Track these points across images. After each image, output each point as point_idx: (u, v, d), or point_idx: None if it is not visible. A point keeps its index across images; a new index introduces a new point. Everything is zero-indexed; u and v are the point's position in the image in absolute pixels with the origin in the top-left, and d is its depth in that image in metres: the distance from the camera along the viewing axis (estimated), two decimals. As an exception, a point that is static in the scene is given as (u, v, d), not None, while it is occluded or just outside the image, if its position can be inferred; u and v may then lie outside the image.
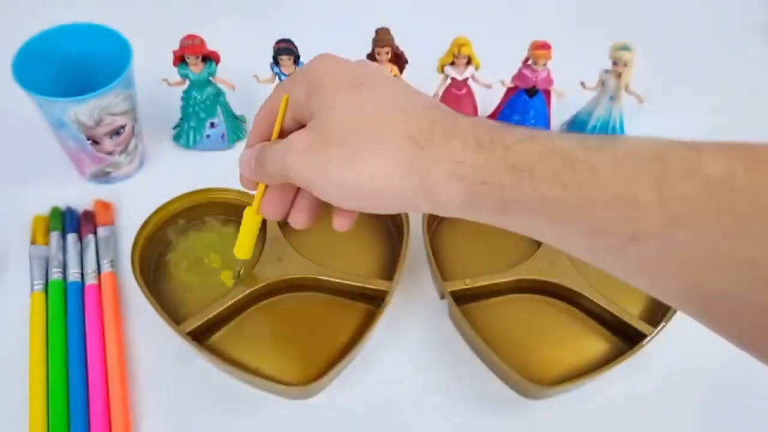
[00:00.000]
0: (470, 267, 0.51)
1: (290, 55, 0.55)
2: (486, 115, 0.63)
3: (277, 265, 0.50)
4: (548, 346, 0.49)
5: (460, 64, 0.57)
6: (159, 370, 0.49)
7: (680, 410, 0.48)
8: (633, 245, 0.26)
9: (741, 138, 0.25)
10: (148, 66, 0.55)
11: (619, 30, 0.61)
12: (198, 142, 0.60)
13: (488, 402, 0.48)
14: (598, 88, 0.59)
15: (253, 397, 0.48)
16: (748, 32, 0.73)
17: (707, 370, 0.49)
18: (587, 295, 0.49)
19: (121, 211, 0.57)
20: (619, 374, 0.47)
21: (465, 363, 0.50)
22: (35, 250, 0.53)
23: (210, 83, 0.58)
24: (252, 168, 0.37)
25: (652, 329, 0.47)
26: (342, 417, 0.47)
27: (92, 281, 0.51)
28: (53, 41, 0.54)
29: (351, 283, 0.50)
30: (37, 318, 0.49)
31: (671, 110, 0.64)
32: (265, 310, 0.50)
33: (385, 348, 0.50)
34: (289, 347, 0.49)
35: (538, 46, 0.56)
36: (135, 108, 0.55)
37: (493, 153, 0.29)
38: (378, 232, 0.54)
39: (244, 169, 0.38)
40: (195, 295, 0.50)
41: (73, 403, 0.46)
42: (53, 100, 0.49)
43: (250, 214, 0.41)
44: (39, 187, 0.58)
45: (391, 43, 0.55)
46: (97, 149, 0.54)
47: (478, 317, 0.49)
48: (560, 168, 0.27)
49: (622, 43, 0.55)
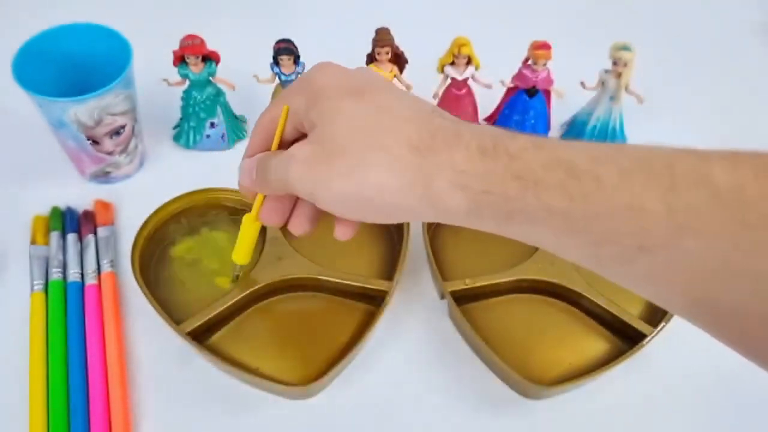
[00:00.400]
0: (470, 267, 0.51)
1: (290, 55, 0.56)
2: (486, 115, 0.63)
3: (277, 265, 0.50)
4: (548, 346, 0.49)
5: (460, 64, 0.57)
6: (159, 370, 0.49)
7: (680, 410, 0.48)
8: (641, 256, 0.26)
9: (741, 138, 0.25)
10: (148, 66, 0.55)
11: (619, 30, 0.61)
12: (198, 142, 0.60)
13: (488, 402, 0.48)
14: (598, 88, 0.59)
15: (253, 397, 0.48)
16: (748, 32, 0.73)
17: (707, 370, 0.49)
18: (587, 295, 0.49)
19: (121, 211, 0.57)
20: (619, 374, 0.47)
21: (465, 363, 0.50)
22: (35, 250, 0.53)
23: (210, 83, 0.58)
24: (253, 179, 0.37)
25: (652, 329, 0.47)
26: (342, 417, 0.47)
27: (92, 281, 0.51)
28: (53, 41, 0.54)
29: (351, 283, 0.50)
30: (37, 318, 0.49)
31: (671, 110, 0.64)
32: (265, 310, 0.50)
33: (385, 348, 0.50)
34: (289, 347, 0.49)
35: (538, 46, 0.56)
36: (135, 108, 0.55)
37: (497, 162, 0.29)
38: (378, 232, 0.54)
39: (245, 179, 0.38)
40: (195, 296, 0.50)
41: (73, 403, 0.46)
42: (53, 100, 0.49)
43: (249, 221, 0.41)
44: (39, 187, 0.58)
45: (391, 43, 0.55)
46: (97, 149, 0.54)
47: (478, 317, 0.49)
48: (565, 178, 0.27)
49: (622, 43, 0.55)
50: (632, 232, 0.26)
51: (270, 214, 0.38)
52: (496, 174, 0.28)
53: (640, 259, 0.26)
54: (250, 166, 0.37)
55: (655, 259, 0.26)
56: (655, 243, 0.25)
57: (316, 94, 0.34)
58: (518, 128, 0.60)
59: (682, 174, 0.25)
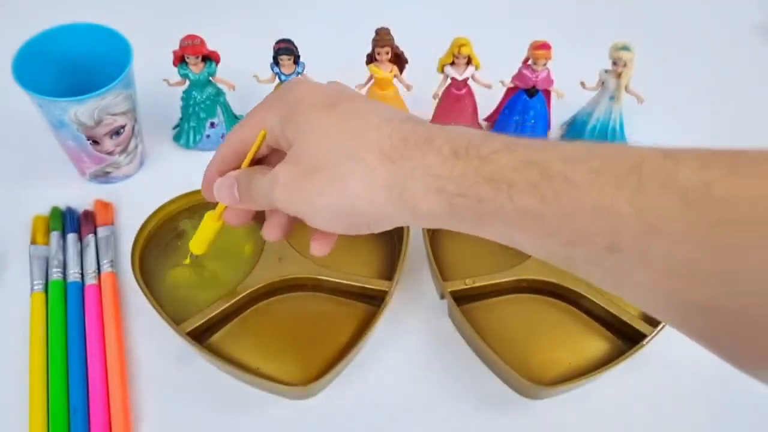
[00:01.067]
0: (470, 267, 0.51)
1: (290, 55, 0.56)
2: (486, 116, 0.63)
3: (277, 265, 0.50)
4: (548, 346, 0.49)
5: (460, 64, 0.57)
6: (159, 370, 0.49)
7: (680, 410, 0.48)
8: (611, 256, 0.26)
9: (741, 138, 0.25)
10: (148, 66, 0.55)
11: (619, 30, 0.61)
12: (198, 142, 0.61)
13: (488, 402, 0.48)
14: (598, 88, 0.59)
15: (253, 397, 0.48)
16: (748, 32, 0.74)
17: (707, 370, 0.49)
18: (587, 295, 0.49)
19: (121, 211, 0.57)
20: (619, 374, 0.47)
21: (465, 363, 0.50)
22: (35, 250, 0.53)
23: (210, 83, 0.58)
24: (235, 197, 0.37)
25: (652, 329, 0.47)
26: (342, 417, 0.47)
27: (92, 281, 0.51)
28: (53, 41, 0.54)
29: (351, 283, 0.50)
30: (37, 318, 0.49)
31: (671, 110, 0.64)
32: (265, 310, 0.50)
33: (385, 348, 0.50)
34: (289, 347, 0.49)
35: (538, 46, 0.56)
36: (135, 108, 0.55)
37: (469, 164, 0.29)
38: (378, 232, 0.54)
39: (226, 197, 0.37)
40: (195, 295, 0.50)
41: (73, 403, 0.46)
42: (53, 100, 0.49)
43: (210, 219, 0.42)
44: (39, 187, 0.58)
45: (391, 43, 0.55)
46: (97, 149, 0.54)
47: (478, 317, 0.49)
48: (538, 179, 0.27)
49: (622, 43, 0.55)
50: (602, 232, 0.26)
51: (233, 216, 0.40)
52: (469, 176, 0.29)
53: (610, 259, 0.26)
54: (230, 183, 0.37)
55: (624, 258, 0.26)
56: (624, 243, 0.25)
57: (289, 111, 0.34)
58: (518, 128, 0.60)
59: (650, 174, 0.25)
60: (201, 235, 0.43)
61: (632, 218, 0.25)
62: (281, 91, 0.36)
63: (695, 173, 0.24)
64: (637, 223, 0.25)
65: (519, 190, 0.28)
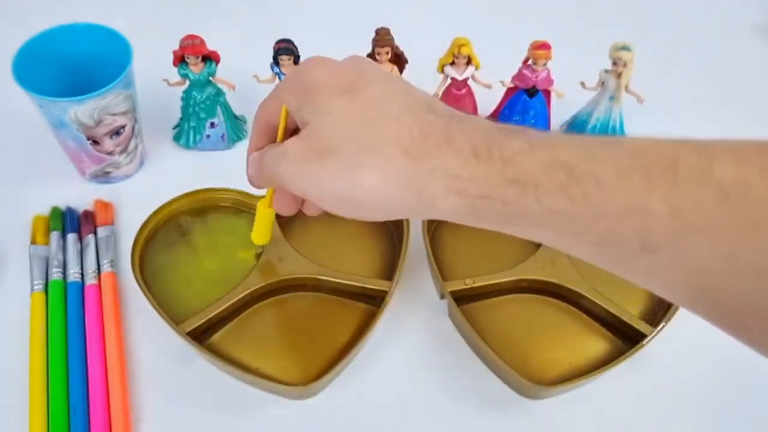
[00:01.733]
0: (470, 267, 0.51)
1: (290, 55, 0.56)
2: (486, 116, 0.63)
3: (277, 265, 0.50)
4: (548, 346, 0.49)
5: (460, 64, 0.57)
6: (159, 370, 0.49)
7: (680, 410, 0.48)
8: (644, 255, 0.26)
9: (741, 138, 0.25)
10: (148, 66, 0.55)
11: (619, 30, 0.61)
12: (198, 142, 0.60)
13: (488, 402, 0.48)
14: (598, 88, 0.59)
15: (253, 397, 0.48)
16: (748, 32, 0.74)
17: (707, 370, 0.49)
18: (587, 295, 0.49)
19: (121, 211, 0.57)
20: (619, 374, 0.47)
21: (465, 363, 0.50)
22: (35, 250, 0.53)
23: (210, 83, 0.58)
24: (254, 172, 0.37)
25: (652, 329, 0.47)
26: (342, 417, 0.47)
27: (92, 281, 0.51)
28: (53, 41, 0.54)
29: (351, 283, 0.50)
30: (37, 318, 0.49)
31: (671, 110, 0.64)
32: (265, 310, 0.50)
33: (385, 348, 0.50)
34: (289, 347, 0.49)
35: (538, 46, 0.56)
36: (135, 108, 0.55)
37: (492, 167, 0.28)
38: (378, 232, 0.54)
39: (251, 169, 0.38)
40: (195, 296, 0.50)
41: (73, 403, 0.46)
42: (53, 100, 0.49)
43: (262, 206, 0.43)
44: (39, 187, 0.58)
45: (391, 43, 0.55)
46: (97, 149, 0.54)
47: (478, 317, 0.49)
48: (565, 181, 0.27)
49: (622, 43, 0.55)
50: (635, 233, 0.26)
51: (280, 203, 0.40)
52: (492, 179, 0.28)
53: (643, 258, 0.26)
54: (251, 158, 0.38)
55: (659, 257, 0.25)
56: (659, 242, 0.25)
57: (307, 93, 0.33)
58: (518, 128, 0.60)
59: (685, 171, 0.25)
60: (259, 225, 0.44)
61: (668, 217, 0.25)
62: (297, 70, 0.35)
63: (732, 170, 0.24)
64: (673, 221, 0.25)
65: (546, 192, 0.27)
